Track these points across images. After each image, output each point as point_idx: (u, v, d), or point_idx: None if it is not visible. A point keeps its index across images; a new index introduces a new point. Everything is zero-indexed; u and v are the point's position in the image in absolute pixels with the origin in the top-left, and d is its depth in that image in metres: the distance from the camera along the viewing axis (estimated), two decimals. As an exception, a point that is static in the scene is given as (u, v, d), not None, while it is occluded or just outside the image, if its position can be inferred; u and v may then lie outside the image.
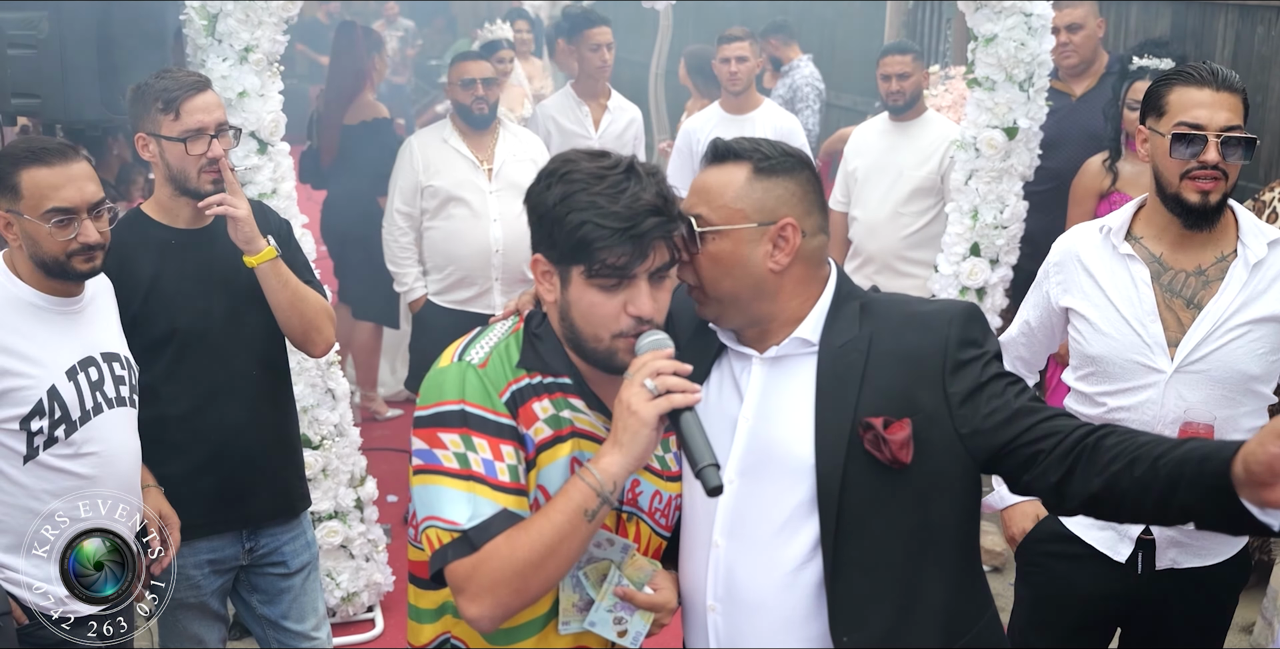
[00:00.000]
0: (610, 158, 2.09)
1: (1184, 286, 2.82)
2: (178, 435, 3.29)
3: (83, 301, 2.96)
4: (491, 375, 2.13)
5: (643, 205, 2.02)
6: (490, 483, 2.06)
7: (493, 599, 2.01)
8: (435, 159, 5.36)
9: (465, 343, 2.21)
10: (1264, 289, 2.78)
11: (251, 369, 3.38)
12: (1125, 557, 2.91)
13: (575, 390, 2.18)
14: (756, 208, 2.14)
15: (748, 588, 2.17)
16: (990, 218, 4.94)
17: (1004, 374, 2.15)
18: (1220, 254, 2.82)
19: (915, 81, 5.55)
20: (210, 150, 3.18)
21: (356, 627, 4.71)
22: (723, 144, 2.20)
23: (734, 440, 2.19)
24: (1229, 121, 2.71)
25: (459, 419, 2.09)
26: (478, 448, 2.07)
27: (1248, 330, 2.77)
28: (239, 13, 4.06)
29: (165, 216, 3.29)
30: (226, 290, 3.31)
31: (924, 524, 2.11)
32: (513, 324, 2.25)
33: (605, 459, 2.03)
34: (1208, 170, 2.72)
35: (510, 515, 2.04)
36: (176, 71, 3.26)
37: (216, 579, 3.42)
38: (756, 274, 2.15)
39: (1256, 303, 2.77)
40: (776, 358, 2.21)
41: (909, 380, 2.12)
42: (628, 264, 2.03)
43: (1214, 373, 2.77)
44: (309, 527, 3.62)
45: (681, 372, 2.02)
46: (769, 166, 2.15)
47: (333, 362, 4.46)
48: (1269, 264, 2.79)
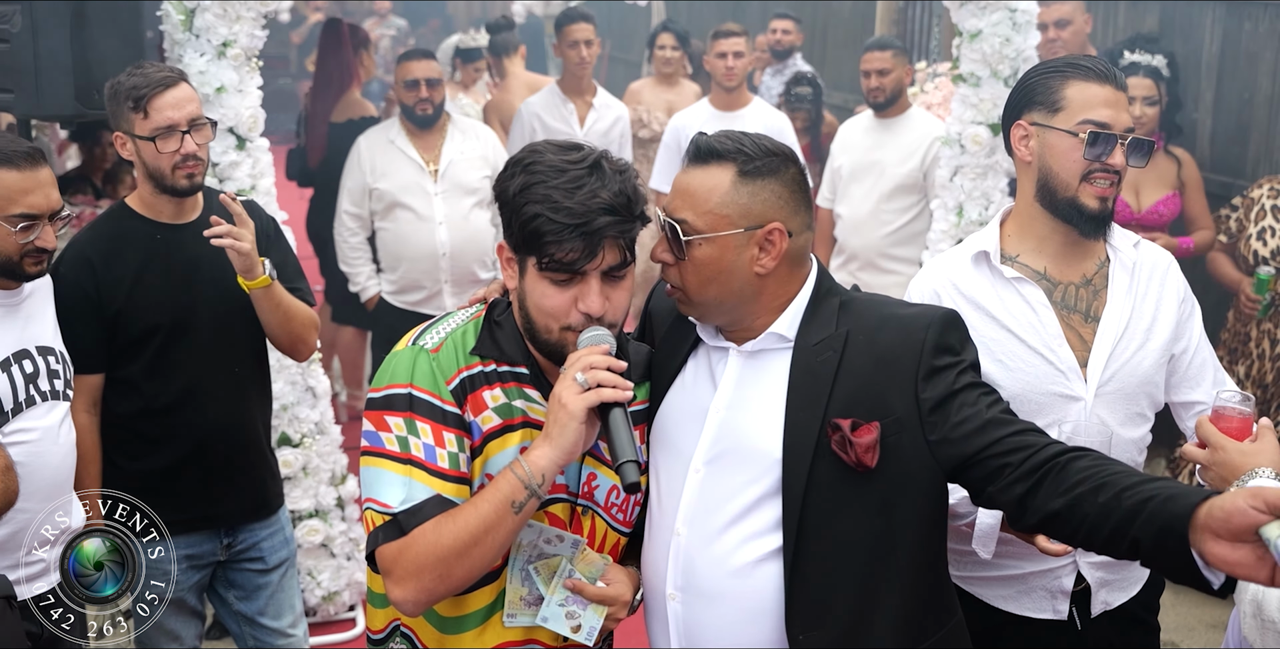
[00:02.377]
0: (579, 152, 2.07)
1: (1077, 300, 2.61)
2: (159, 430, 3.29)
3: (20, 295, 2.95)
4: (443, 361, 2.13)
5: (598, 203, 2.00)
6: (429, 468, 2.06)
7: (417, 584, 2.01)
8: (381, 161, 5.34)
9: (423, 328, 2.22)
10: (1144, 292, 2.62)
11: (234, 365, 3.37)
12: (1065, 612, 2.67)
13: (531, 380, 2.18)
14: (743, 213, 2.11)
15: (706, 577, 2.15)
16: (975, 214, 4.91)
17: (978, 384, 2.11)
18: (1099, 260, 2.63)
19: (896, 78, 5.53)
20: (183, 147, 3.16)
21: (337, 626, 4.69)
22: (705, 143, 2.15)
23: (703, 430, 2.18)
24: (1129, 123, 2.54)
25: (406, 403, 2.10)
26: (420, 433, 2.08)
27: (1146, 337, 2.60)
28: (216, 8, 4.04)
29: (149, 211, 3.28)
30: (211, 286, 3.30)
31: (888, 528, 2.09)
32: (475, 311, 2.26)
33: (535, 452, 2.03)
34: (1109, 174, 2.52)
35: (443, 501, 2.04)
36: (149, 67, 3.23)
37: (194, 574, 3.40)
38: (742, 278, 2.13)
39: (1144, 307, 2.61)
40: (753, 352, 2.19)
41: (882, 383, 2.09)
42: (576, 261, 2.02)
43: (1127, 389, 2.58)
44: (287, 523, 3.61)
45: (615, 368, 2.01)
46: (754, 169, 2.12)
47: (313, 360, 4.43)
48: (1139, 265, 2.63)
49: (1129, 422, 2.61)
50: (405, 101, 5.33)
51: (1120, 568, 2.67)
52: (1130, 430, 2.61)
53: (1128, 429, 2.60)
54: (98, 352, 3.20)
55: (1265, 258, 4.66)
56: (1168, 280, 2.66)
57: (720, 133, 2.18)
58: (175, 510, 3.17)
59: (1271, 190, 4.74)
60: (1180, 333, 2.66)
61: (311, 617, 4.56)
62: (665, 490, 2.22)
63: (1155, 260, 2.68)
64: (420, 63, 5.35)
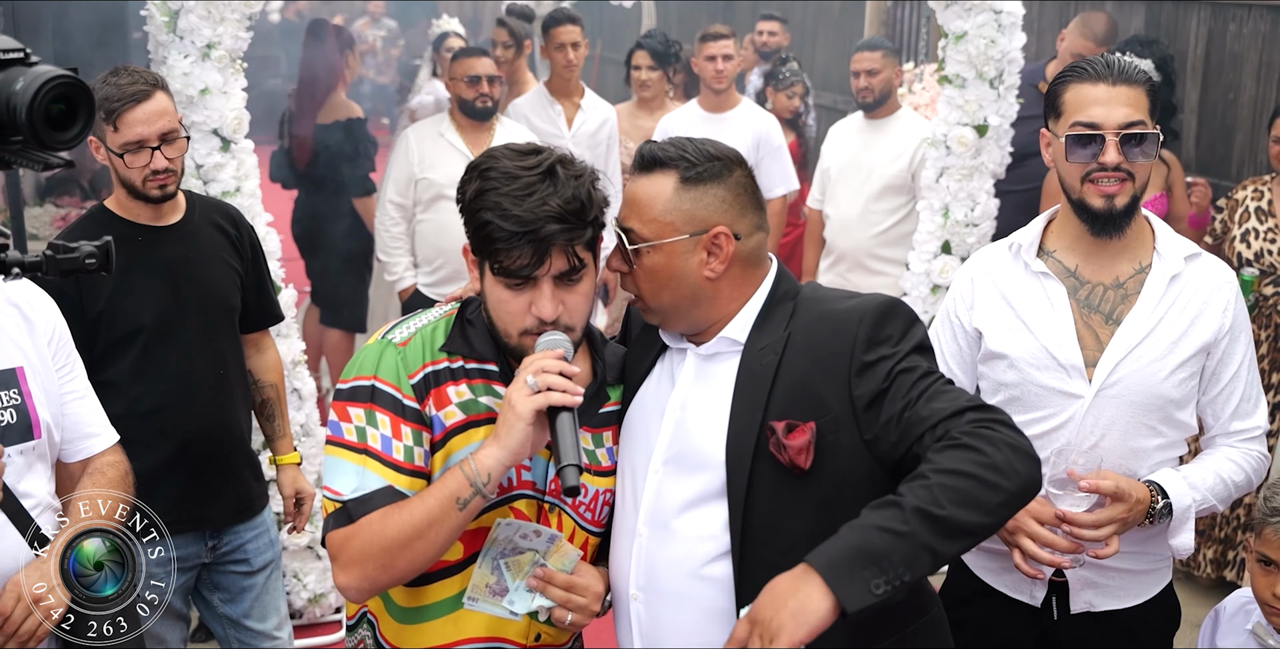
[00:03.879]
0: (535, 157, 2.10)
1: (1102, 301, 2.61)
2: (143, 434, 3.25)
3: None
4: (409, 356, 2.17)
5: (546, 211, 2.02)
6: (383, 459, 2.11)
7: (360, 571, 2.06)
8: (430, 152, 5.39)
9: (396, 323, 2.26)
10: (1183, 306, 2.57)
11: (219, 367, 3.36)
12: (1040, 600, 2.70)
13: (500, 377, 2.20)
14: (686, 219, 2.13)
15: (665, 578, 2.18)
16: (961, 215, 4.93)
17: (910, 370, 2.06)
18: (1139, 265, 2.61)
19: (885, 78, 5.53)
20: (152, 162, 3.15)
21: (324, 628, 4.68)
22: (649, 151, 2.17)
23: (660, 431, 2.20)
24: (1128, 117, 2.50)
25: (368, 395, 2.14)
26: (379, 424, 2.13)
27: (1167, 352, 2.56)
28: (200, 9, 4.03)
29: (128, 214, 3.27)
30: (194, 287, 3.29)
31: (831, 529, 2.04)
32: (449, 309, 2.29)
33: (483, 451, 2.06)
34: (1109, 171, 2.51)
35: (393, 493, 2.08)
36: (124, 75, 3.17)
37: (179, 577, 3.38)
38: (693, 283, 2.15)
39: (1176, 320, 2.57)
40: (708, 355, 2.21)
41: (818, 381, 2.10)
42: (524, 267, 2.06)
43: (1133, 396, 2.55)
44: (272, 525, 3.60)
45: (567, 372, 2.04)
46: (696, 175, 2.14)
47: (299, 361, 4.43)
48: (1186, 279, 2.58)
49: (1133, 431, 2.58)
50: (465, 96, 5.38)
51: (1114, 574, 2.67)
52: (1134, 440, 2.58)
53: (1131, 438, 2.58)
54: (80, 354, 3.18)
55: (1249, 260, 4.68)
56: (1216, 300, 2.59)
57: (666, 140, 2.20)
58: (160, 513, 3.12)
59: (1256, 192, 4.75)
60: (1218, 358, 2.60)
61: (297, 619, 4.55)
62: (630, 491, 2.24)
63: (1209, 277, 2.61)
64: (480, 60, 5.44)
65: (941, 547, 1.84)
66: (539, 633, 2.26)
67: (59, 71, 1.75)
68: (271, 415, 3.61)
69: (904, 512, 1.84)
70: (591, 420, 2.27)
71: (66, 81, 1.75)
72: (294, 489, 3.55)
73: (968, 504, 1.86)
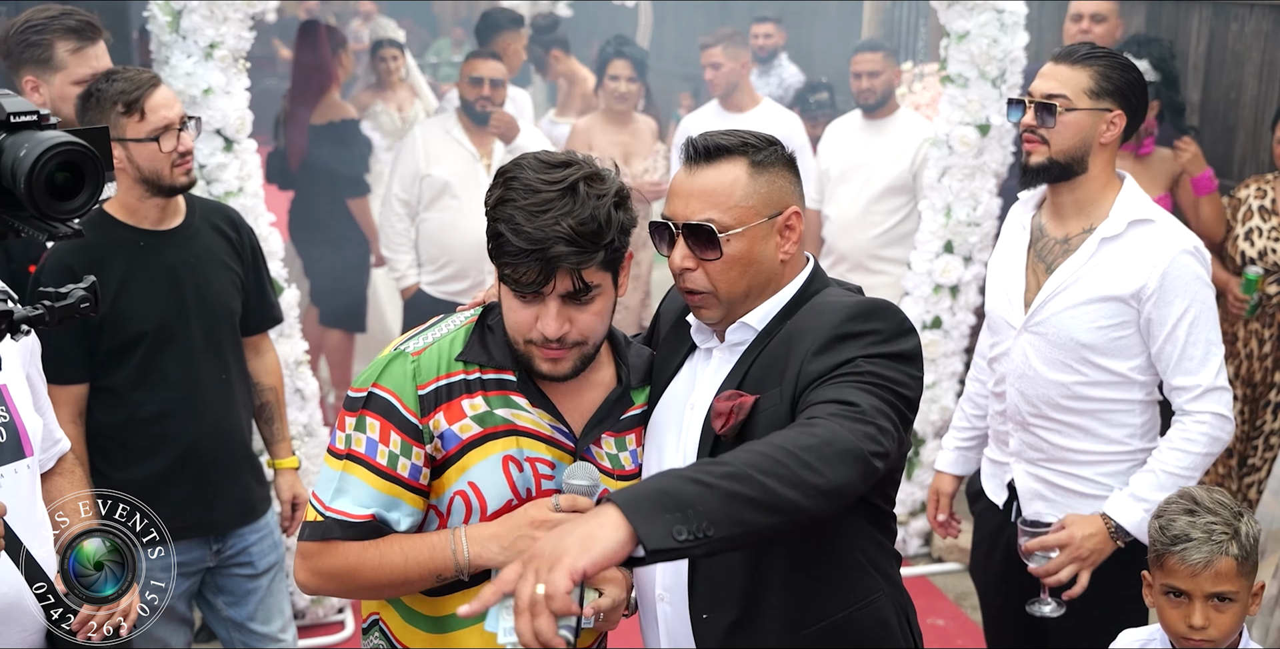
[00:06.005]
0: (561, 171, 2.06)
1: (1048, 252, 2.99)
2: (146, 439, 3.26)
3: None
4: (423, 366, 2.16)
5: (556, 232, 1.99)
6: (366, 462, 2.13)
7: (321, 585, 2.17)
8: (436, 149, 5.40)
9: (415, 332, 2.25)
10: (1110, 263, 2.87)
11: (221, 371, 3.35)
12: (1002, 501, 3.16)
13: (519, 388, 2.18)
14: (765, 202, 2.15)
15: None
16: (963, 215, 4.93)
17: (863, 371, 1.99)
18: (1089, 226, 2.94)
19: (886, 79, 5.55)
20: (180, 143, 3.15)
21: (326, 628, 4.68)
22: (710, 142, 2.16)
23: (683, 429, 2.22)
24: (1050, 90, 2.91)
25: (363, 402, 2.16)
26: (366, 428, 2.14)
27: (1083, 302, 2.89)
28: (203, 9, 4.02)
29: (132, 218, 3.23)
30: (197, 292, 3.28)
31: None
32: (470, 315, 2.27)
33: (486, 540, 2.10)
34: (1027, 134, 2.95)
35: (372, 529, 2.13)
36: (123, 72, 3.18)
37: (183, 582, 3.37)
38: (769, 267, 2.18)
39: (1096, 277, 2.88)
40: (730, 345, 2.23)
41: (783, 357, 2.10)
42: (531, 284, 2.04)
43: (1051, 336, 2.94)
44: (275, 527, 3.59)
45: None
46: (763, 159, 2.16)
47: (301, 361, 4.42)
48: (1123, 241, 2.88)
49: (1052, 365, 2.95)
50: (467, 97, 5.39)
51: (1062, 493, 3.02)
52: (1054, 373, 2.95)
53: (1052, 371, 2.96)
54: (82, 361, 3.16)
55: (1252, 258, 4.68)
56: (1147, 261, 2.85)
57: (710, 132, 2.20)
58: (165, 519, 3.10)
59: (1259, 190, 4.75)
60: (1146, 314, 2.87)
61: (300, 620, 4.54)
62: None
63: (1152, 242, 2.86)
64: (487, 62, 5.43)
65: (748, 514, 1.71)
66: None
67: (65, 138, 1.65)
68: (270, 419, 3.60)
69: (720, 468, 1.76)
70: (616, 425, 2.27)
71: (71, 148, 1.65)
72: (291, 494, 3.54)
73: (786, 479, 1.76)
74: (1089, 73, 2.88)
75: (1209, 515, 2.43)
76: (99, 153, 1.68)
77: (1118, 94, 2.88)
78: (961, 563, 5.16)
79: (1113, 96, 2.88)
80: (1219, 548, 2.39)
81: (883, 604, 2.22)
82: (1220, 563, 2.39)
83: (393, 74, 7.26)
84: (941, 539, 5.16)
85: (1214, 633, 2.40)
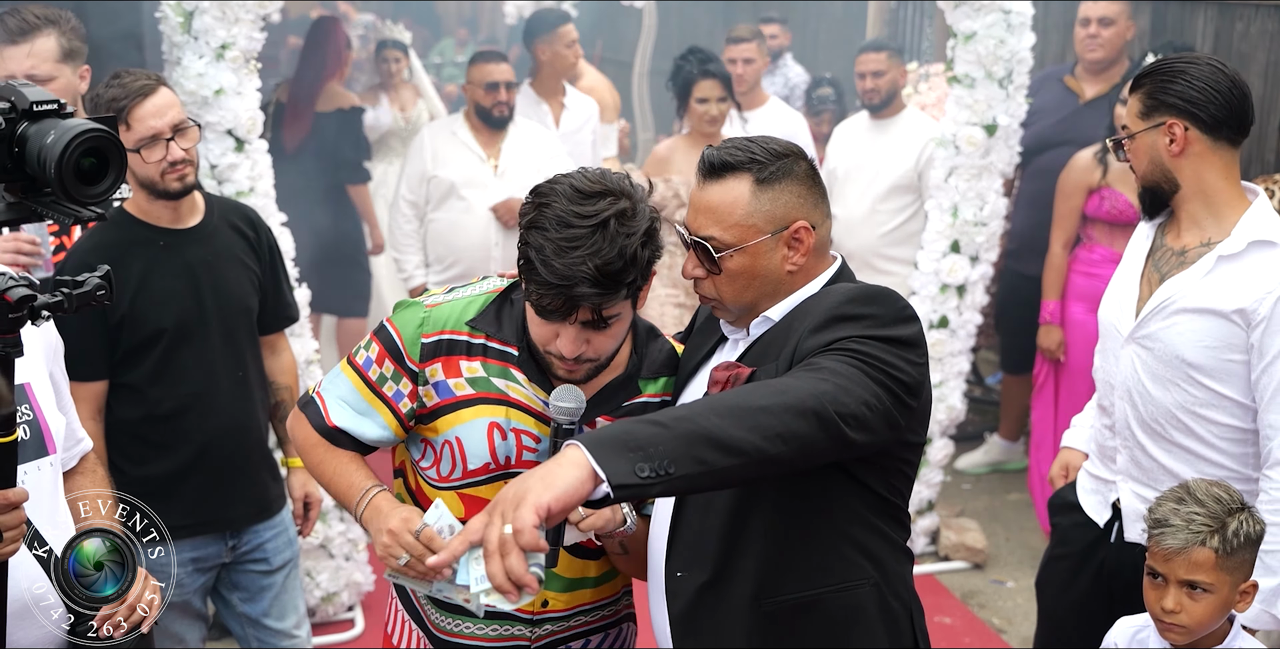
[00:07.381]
0: (595, 204, 2.08)
1: (1165, 263, 2.92)
2: (164, 436, 3.29)
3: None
4: (433, 317, 2.30)
5: (582, 272, 2.05)
6: (360, 372, 2.37)
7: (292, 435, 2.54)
8: (444, 150, 5.43)
9: (440, 290, 2.40)
10: (1224, 283, 2.75)
11: (238, 369, 3.38)
12: (1104, 521, 3.05)
13: (519, 363, 2.27)
14: (767, 219, 2.17)
15: None
16: (970, 215, 4.95)
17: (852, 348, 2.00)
18: (1206, 239, 2.84)
19: (891, 79, 5.57)
20: (169, 154, 3.14)
21: (336, 626, 4.69)
22: (716, 157, 2.19)
23: None
24: (1121, 125, 3.01)
25: (376, 329, 2.38)
26: (370, 349, 2.38)
27: (1191, 318, 2.78)
28: (215, 10, 4.04)
29: (148, 218, 3.27)
30: (214, 290, 3.30)
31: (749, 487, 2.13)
32: (497, 284, 2.36)
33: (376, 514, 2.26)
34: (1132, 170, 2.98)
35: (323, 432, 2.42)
36: (126, 76, 3.18)
37: (199, 577, 3.40)
38: (775, 279, 2.20)
39: (1206, 292, 2.76)
40: (752, 337, 2.26)
41: (783, 335, 2.14)
42: (554, 313, 2.12)
43: (1158, 351, 2.85)
44: (290, 523, 3.61)
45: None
46: (770, 174, 2.17)
47: (312, 360, 4.44)
48: (1241, 261, 2.75)
49: (1160, 383, 2.85)
50: (482, 102, 5.37)
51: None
52: (1162, 391, 2.85)
53: (1160, 389, 2.85)
54: (101, 359, 3.19)
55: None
56: (1259, 291, 2.70)
57: (727, 143, 2.22)
58: (181, 515, 3.16)
59: (1266, 191, 4.77)
60: (1256, 337, 2.71)
61: (310, 617, 4.54)
62: None
63: (1269, 271, 2.71)
64: (499, 66, 5.43)
65: (707, 454, 1.75)
66: (545, 599, 2.32)
67: (90, 125, 1.72)
68: (284, 417, 3.62)
69: (677, 411, 1.83)
70: (615, 411, 2.32)
71: (98, 135, 1.73)
72: (303, 492, 3.55)
73: (740, 423, 1.79)
74: (1137, 96, 2.87)
75: (1196, 506, 2.46)
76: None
77: (1167, 106, 2.81)
78: (968, 561, 5.19)
79: (1162, 110, 2.82)
80: (1195, 537, 2.43)
81: (864, 593, 2.20)
82: (1196, 553, 2.42)
83: (395, 76, 7.35)
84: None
85: (1184, 619, 2.44)
